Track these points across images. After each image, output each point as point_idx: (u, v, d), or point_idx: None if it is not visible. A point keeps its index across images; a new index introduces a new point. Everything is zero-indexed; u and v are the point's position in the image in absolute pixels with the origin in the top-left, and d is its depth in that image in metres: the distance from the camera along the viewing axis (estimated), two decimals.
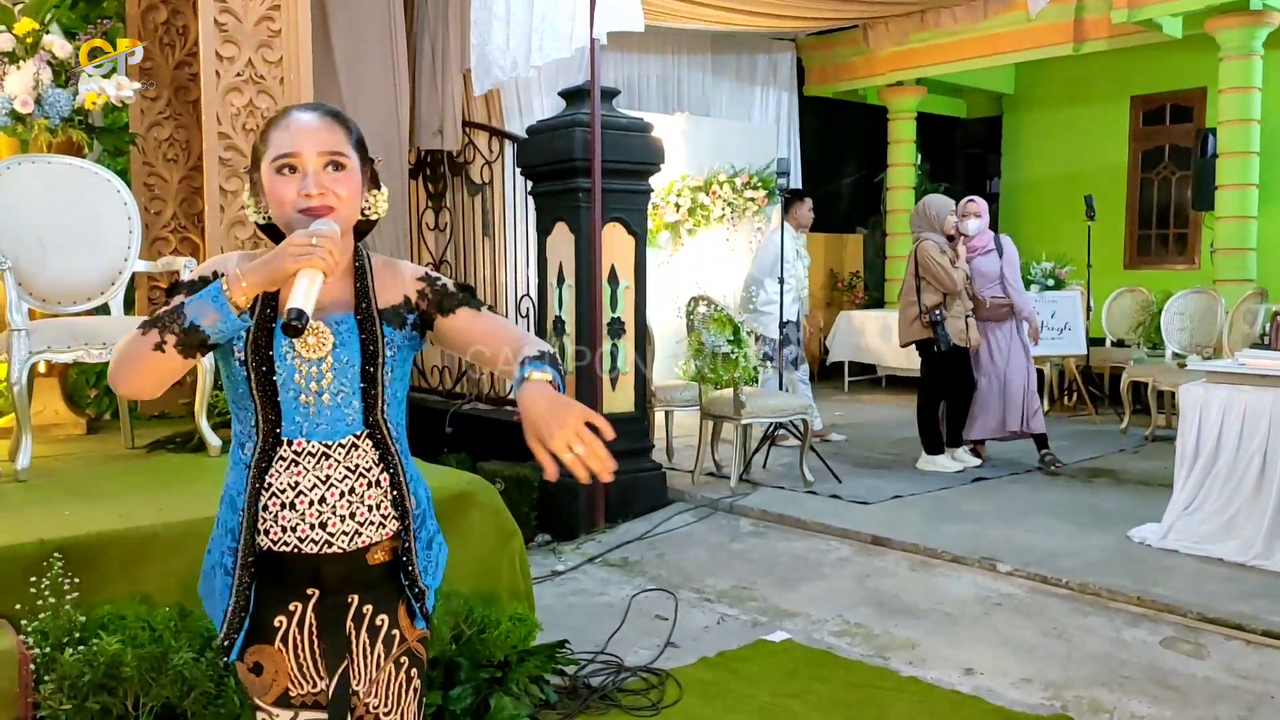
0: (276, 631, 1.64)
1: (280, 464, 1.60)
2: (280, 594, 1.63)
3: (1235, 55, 7.89)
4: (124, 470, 3.79)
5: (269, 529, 1.61)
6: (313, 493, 1.60)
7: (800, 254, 7.21)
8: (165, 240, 5.09)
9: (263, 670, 1.65)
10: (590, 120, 5.25)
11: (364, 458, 1.63)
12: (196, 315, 1.47)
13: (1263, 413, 4.42)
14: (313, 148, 1.58)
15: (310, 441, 1.60)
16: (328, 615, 1.65)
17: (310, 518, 1.60)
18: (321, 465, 1.60)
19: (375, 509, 1.64)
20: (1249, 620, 3.78)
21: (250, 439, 1.62)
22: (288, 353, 1.59)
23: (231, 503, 1.64)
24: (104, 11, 4.92)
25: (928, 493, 5.80)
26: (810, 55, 10.52)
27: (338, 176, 1.59)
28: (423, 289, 1.70)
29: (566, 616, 4.04)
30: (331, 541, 1.61)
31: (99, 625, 2.56)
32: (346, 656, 1.67)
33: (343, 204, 1.59)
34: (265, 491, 1.60)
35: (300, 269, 1.47)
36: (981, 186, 12.19)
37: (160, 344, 1.48)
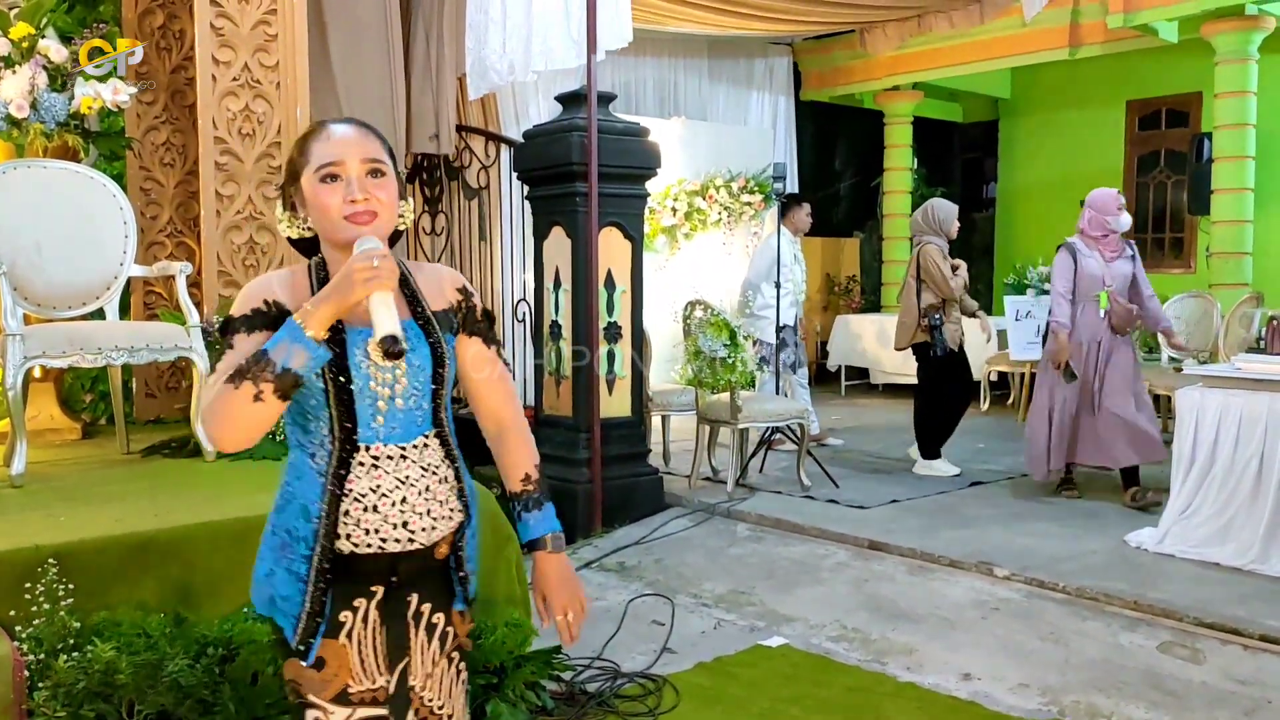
0: (342, 627, 1.68)
1: (359, 469, 1.65)
2: (348, 591, 1.68)
3: (1231, 60, 7.90)
4: (119, 475, 3.78)
5: (350, 533, 1.65)
6: (394, 494, 1.66)
7: (797, 258, 7.22)
8: (161, 244, 5.08)
9: (325, 665, 1.68)
10: (587, 125, 5.25)
11: (433, 455, 1.71)
12: (285, 359, 1.52)
13: (1259, 417, 4.42)
14: (355, 155, 1.63)
15: (387, 445, 1.66)
16: (391, 611, 1.71)
17: (393, 519, 1.65)
18: (400, 467, 1.67)
19: (445, 504, 1.71)
20: (1246, 625, 3.78)
21: (324, 448, 1.65)
22: (362, 362, 1.64)
23: (304, 511, 1.66)
24: (100, 15, 4.91)
25: (925, 497, 5.80)
26: (806, 60, 10.53)
27: (379, 183, 1.64)
28: (460, 300, 1.78)
29: None
30: (414, 538, 1.67)
31: (94, 632, 2.56)
32: (406, 653, 1.73)
33: (384, 209, 1.64)
34: (346, 497, 1.64)
35: (371, 293, 1.52)
36: (978, 191, 12.21)
37: (258, 395, 1.52)
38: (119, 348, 3.78)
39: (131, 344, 3.82)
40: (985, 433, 7.96)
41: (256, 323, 1.60)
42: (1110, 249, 5.56)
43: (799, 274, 7.23)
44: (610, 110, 5.58)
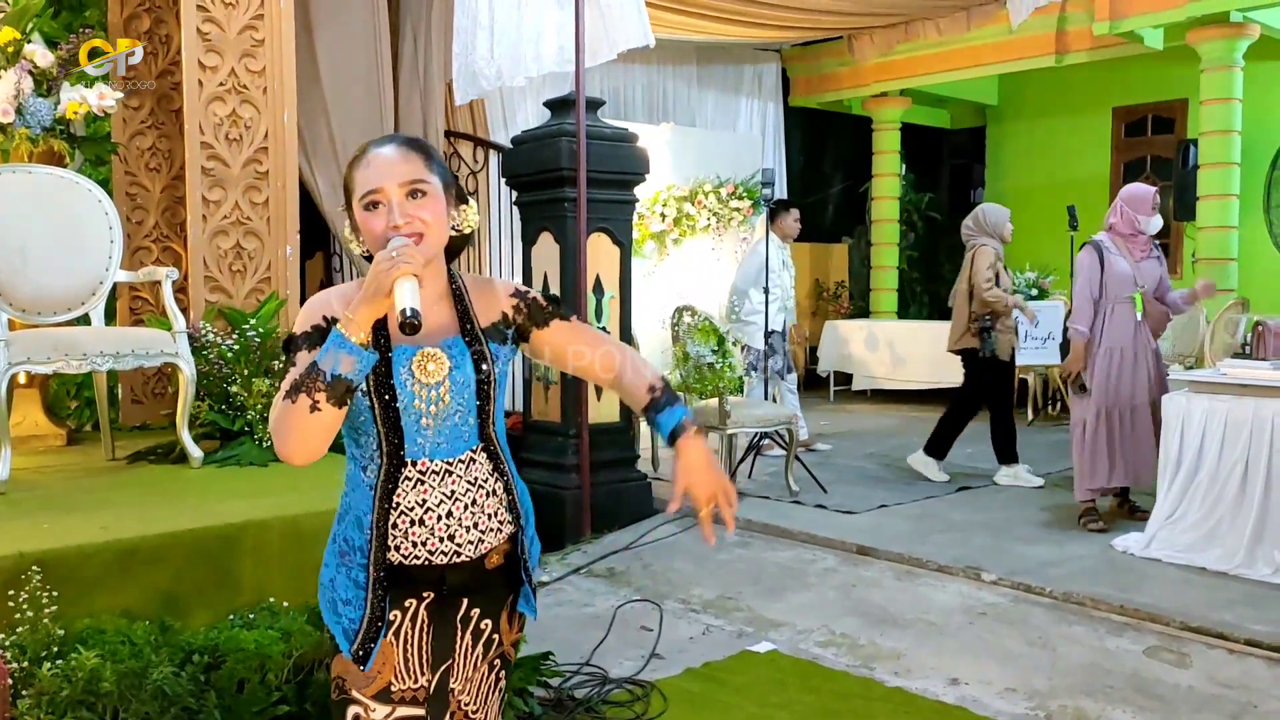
0: (390, 625, 1.72)
1: (406, 484, 1.69)
2: (400, 594, 1.73)
3: (1216, 67, 7.95)
4: (104, 482, 3.76)
5: (399, 545, 1.70)
6: (439, 508, 1.70)
7: (786, 264, 7.23)
8: (147, 250, 5.06)
9: (371, 663, 1.71)
10: (576, 130, 5.26)
11: (480, 469, 1.74)
12: (334, 367, 1.56)
13: (1244, 422, 4.44)
14: (393, 180, 1.65)
15: (433, 461, 1.70)
16: (439, 612, 1.75)
17: (439, 532, 1.70)
18: (445, 482, 1.70)
19: (493, 516, 1.75)
20: (1231, 629, 3.79)
21: (374, 462, 1.70)
22: (407, 380, 1.68)
23: (358, 522, 1.71)
24: (86, 20, 4.90)
25: (913, 502, 5.81)
26: (795, 66, 10.56)
27: (421, 203, 1.67)
28: (517, 304, 1.81)
29: (552, 628, 4.02)
30: (460, 552, 1.71)
31: (78, 639, 2.54)
32: (450, 655, 1.76)
33: (430, 229, 1.67)
34: (394, 511, 1.69)
35: (394, 281, 1.55)
36: (966, 196, 12.26)
37: (315, 405, 1.56)
38: (104, 354, 3.76)
39: (117, 350, 3.80)
40: (973, 438, 7.97)
41: (316, 339, 1.64)
42: (1140, 248, 5.18)
43: (787, 280, 7.25)
44: (599, 116, 5.58)
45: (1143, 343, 5.12)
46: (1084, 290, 5.12)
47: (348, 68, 6.12)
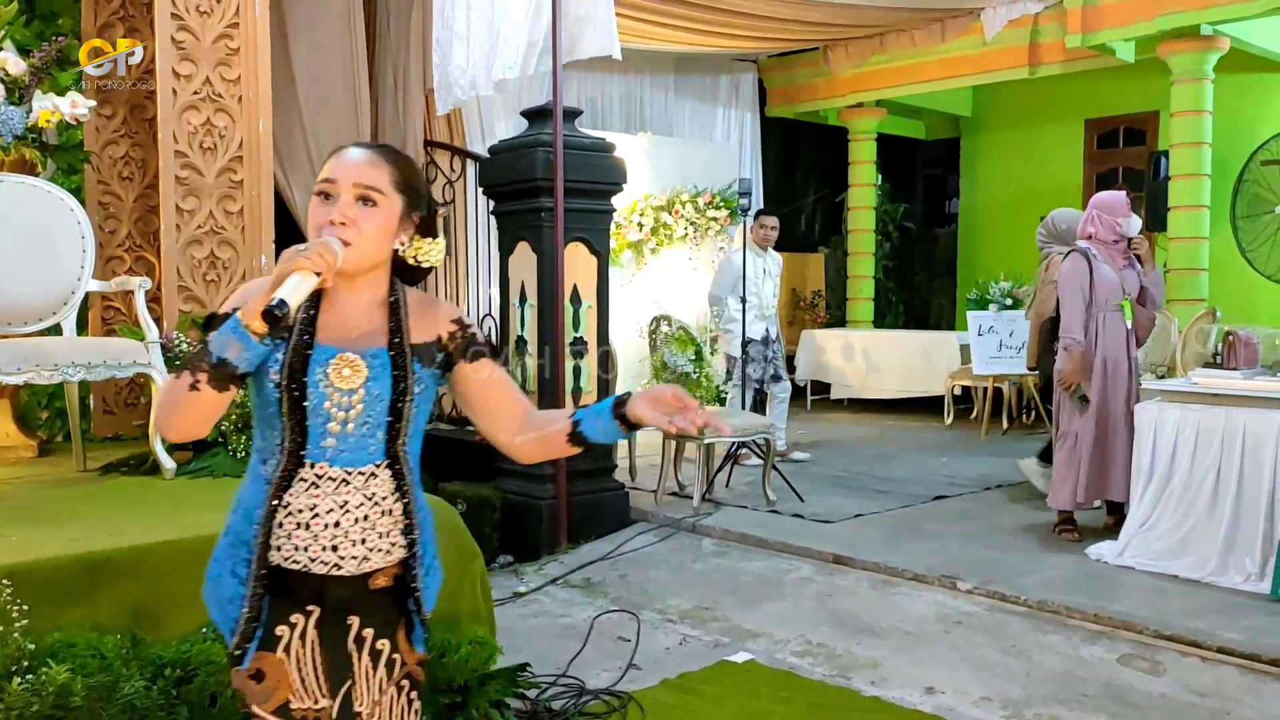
0: (279, 640, 1.69)
1: (300, 485, 1.66)
2: (284, 606, 1.69)
3: (1186, 79, 8.04)
4: (76, 494, 3.72)
5: (281, 545, 1.66)
6: (329, 516, 1.66)
7: (767, 272, 7.18)
8: (120, 259, 5.02)
9: (264, 678, 1.69)
10: (553, 140, 5.25)
11: (381, 486, 1.69)
12: (221, 350, 1.53)
13: (1216, 431, 4.48)
14: (349, 178, 1.65)
15: (332, 467, 1.66)
16: (328, 633, 1.71)
17: (324, 540, 1.65)
18: (340, 491, 1.66)
19: (385, 536, 1.70)
20: (1204, 637, 3.82)
21: (274, 457, 1.67)
22: (321, 380, 1.65)
23: (248, 515, 1.68)
24: (59, 29, 4.87)
25: (889, 511, 5.83)
26: (771, 76, 10.61)
27: (367, 212, 1.65)
28: (454, 331, 1.77)
29: (528, 639, 4.01)
30: (340, 565, 1.67)
31: (48, 653, 2.51)
32: (350, 678, 1.72)
33: (363, 240, 1.64)
34: (283, 509, 1.65)
35: (290, 272, 1.53)
36: (940, 207, 12.36)
37: (194, 384, 1.53)
38: (76, 364, 3.72)
39: (89, 360, 3.77)
40: (948, 447, 8.03)
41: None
42: (1122, 256, 5.12)
43: (768, 289, 7.19)
44: (576, 126, 5.58)
45: (1133, 352, 5.11)
46: (1076, 299, 5.01)
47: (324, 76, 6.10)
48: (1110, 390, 5.03)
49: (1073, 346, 4.99)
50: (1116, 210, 5.13)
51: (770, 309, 7.23)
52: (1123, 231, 5.11)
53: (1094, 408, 5.00)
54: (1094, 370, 5.02)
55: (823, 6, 7.75)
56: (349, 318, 1.68)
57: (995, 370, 8.32)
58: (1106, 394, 5.02)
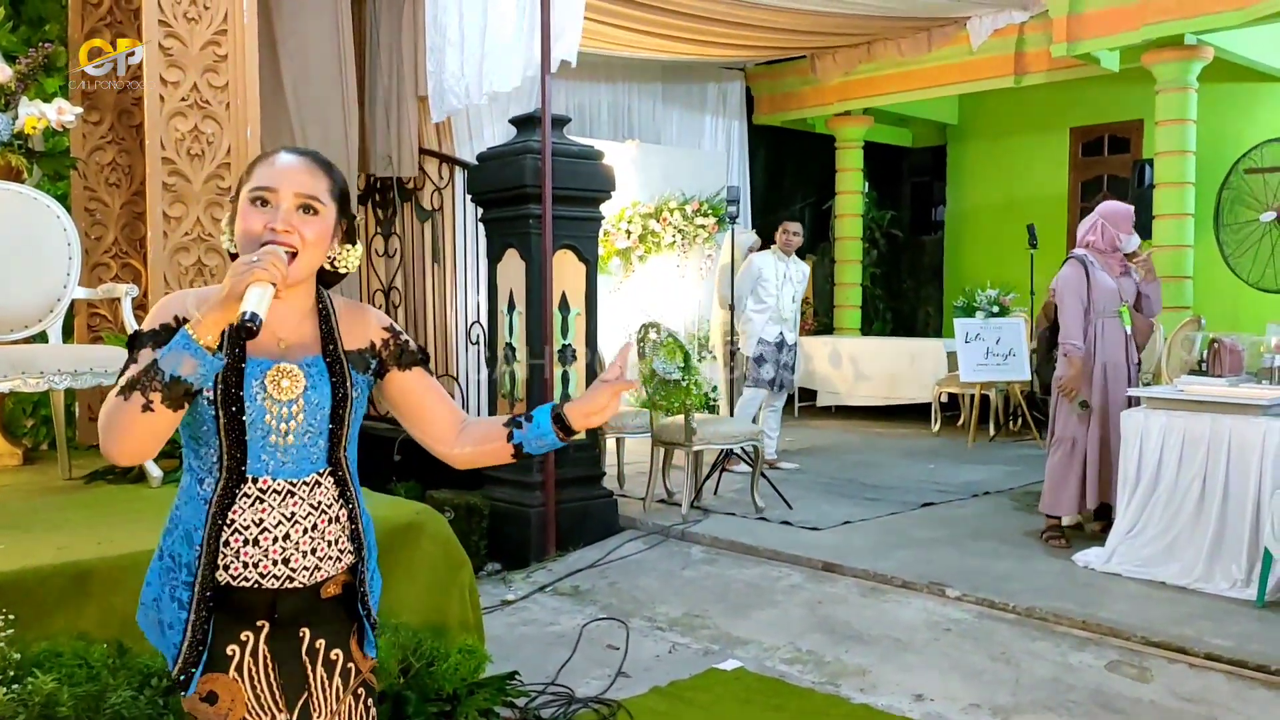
0: (230, 660, 1.64)
1: (244, 501, 1.62)
2: (232, 624, 1.64)
3: (1171, 88, 8.10)
4: (61, 502, 3.70)
5: (229, 564, 1.62)
6: (277, 529, 1.63)
7: (788, 277, 7.12)
8: (106, 266, 5.00)
9: (217, 699, 1.64)
10: (541, 147, 5.26)
11: (325, 494, 1.68)
12: (174, 367, 1.47)
13: (1201, 438, 4.51)
14: (290, 187, 1.62)
15: (276, 479, 1.63)
16: (280, 647, 1.67)
17: (274, 554, 1.62)
18: (286, 503, 1.64)
19: (334, 544, 1.68)
20: (1192, 643, 3.84)
21: (211, 475, 1.63)
22: (259, 394, 1.61)
23: (187, 537, 1.63)
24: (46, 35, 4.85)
25: (877, 518, 5.83)
26: (759, 84, 10.64)
27: (308, 219, 1.63)
28: (387, 339, 1.77)
29: (517, 647, 4.00)
30: (293, 577, 1.64)
31: (34, 663, 2.49)
32: (305, 691, 1.69)
33: (307, 248, 1.62)
34: (228, 528, 1.61)
35: (247, 285, 1.48)
36: (927, 214, 12.40)
37: (147, 404, 1.47)
38: (62, 371, 3.70)
39: (75, 368, 3.75)
40: (935, 454, 8.05)
41: (164, 338, 1.55)
42: (1119, 265, 5.18)
43: (786, 293, 7.11)
44: (564, 133, 5.59)
45: (1132, 357, 5.15)
46: (1075, 305, 5.03)
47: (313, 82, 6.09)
48: (1111, 395, 5.05)
49: (1073, 353, 5.01)
50: (1121, 224, 5.16)
51: (788, 314, 7.14)
52: (1120, 247, 5.16)
53: (1094, 413, 5.03)
54: (1094, 376, 5.05)
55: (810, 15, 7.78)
56: (278, 328, 1.64)
57: (982, 377, 8.35)
58: (1107, 399, 5.05)
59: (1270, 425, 4.32)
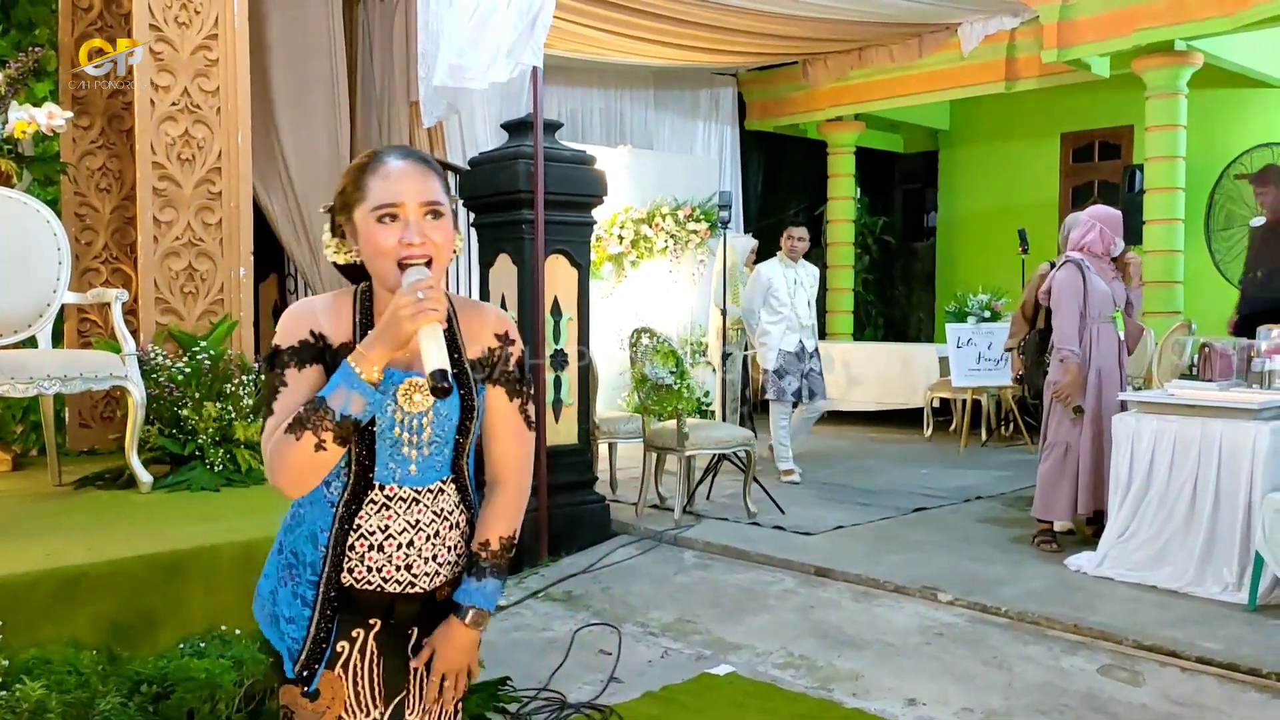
0: (339, 657, 1.66)
1: (370, 507, 1.64)
2: (346, 623, 1.66)
3: (1161, 94, 8.14)
4: (51, 508, 3.68)
5: (353, 568, 1.64)
6: (401, 536, 1.65)
7: (799, 283, 7.00)
8: (96, 271, 4.98)
9: (319, 696, 1.65)
10: (533, 152, 5.26)
11: (447, 501, 1.69)
12: (344, 407, 1.51)
13: (1192, 442, 4.52)
14: (415, 197, 1.59)
15: (402, 487, 1.65)
16: (387, 643, 1.69)
17: (398, 560, 1.64)
18: (411, 510, 1.65)
19: (453, 549, 1.70)
20: (1183, 647, 3.85)
21: (339, 479, 1.64)
22: (390, 405, 1.62)
23: (312, 538, 1.65)
24: (36, 39, 4.83)
25: (870, 523, 5.84)
26: (751, 90, 10.66)
27: (437, 224, 1.60)
28: (495, 348, 1.73)
29: (509, 652, 3.99)
30: (415, 582, 1.66)
31: (23, 669, 2.48)
32: (404, 688, 1.70)
33: (440, 251, 1.61)
34: (354, 533, 1.63)
35: (419, 328, 1.49)
36: (919, 220, 12.43)
37: (320, 444, 1.51)
38: (52, 377, 3.69)
39: (65, 373, 3.73)
40: (927, 458, 8.06)
41: (305, 356, 1.59)
42: (1111, 269, 5.20)
43: (800, 299, 6.97)
44: (557, 138, 5.59)
45: (1124, 361, 5.15)
46: (1072, 310, 5.00)
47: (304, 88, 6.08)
48: (1105, 400, 5.05)
49: (1070, 358, 4.98)
50: (1116, 229, 5.18)
51: (806, 320, 7.00)
52: (1113, 251, 5.18)
53: (1088, 418, 5.03)
54: (1088, 381, 5.05)
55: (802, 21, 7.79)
56: None
57: (974, 382, 8.37)
58: (1101, 404, 5.04)
59: (1260, 429, 4.33)
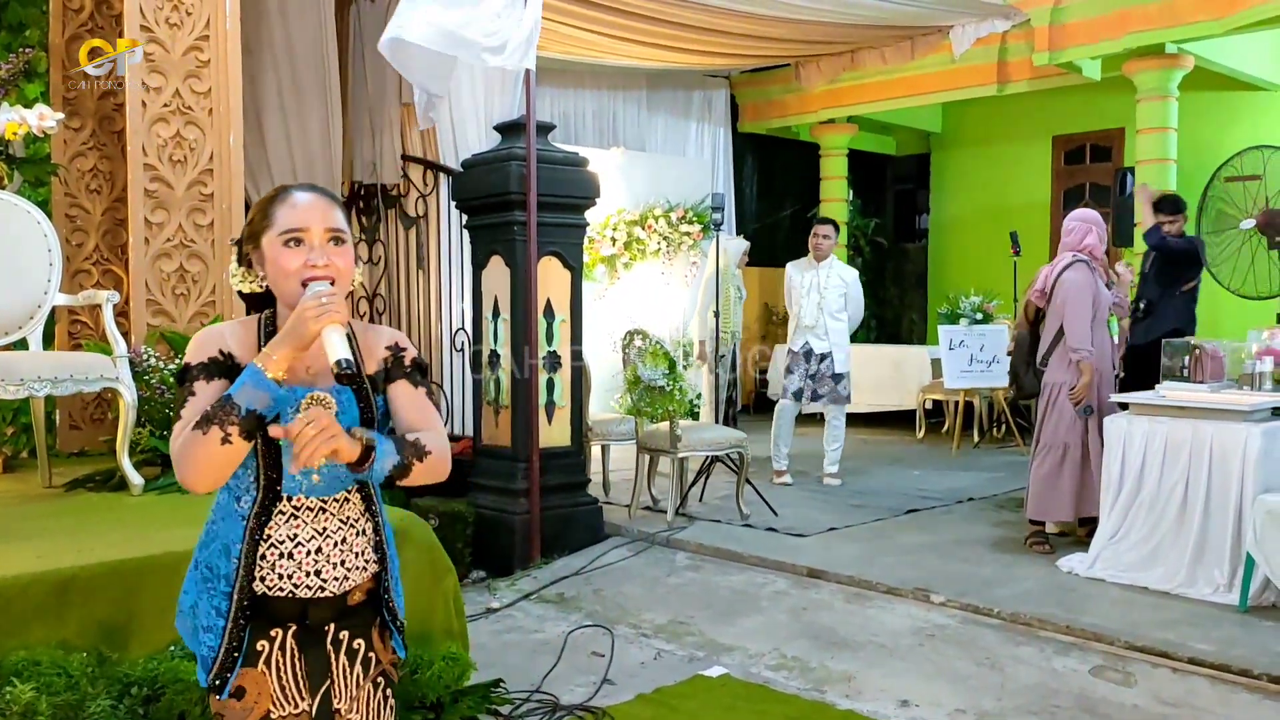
0: (259, 655, 1.75)
1: (279, 518, 1.74)
2: (264, 625, 1.76)
3: (1152, 97, 8.17)
4: (41, 510, 3.67)
5: (265, 576, 1.73)
6: (310, 544, 1.74)
7: (815, 285, 6.89)
8: (87, 273, 4.97)
9: (244, 694, 1.75)
10: (526, 154, 5.25)
11: (353, 509, 1.80)
12: (250, 402, 1.61)
13: (1183, 443, 4.53)
14: (320, 223, 1.73)
15: (309, 497, 1.75)
16: (307, 639, 1.78)
17: (307, 566, 1.74)
18: (319, 519, 1.76)
19: (360, 555, 1.80)
20: (1175, 648, 3.85)
21: (248, 493, 1.74)
22: (293, 419, 1.68)
23: (225, 551, 1.74)
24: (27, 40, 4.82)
25: (863, 524, 5.84)
26: (743, 92, 10.67)
27: (339, 250, 1.74)
28: (387, 356, 1.85)
29: (502, 655, 3.99)
30: (324, 587, 1.75)
31: (13, 672, 2.47)
32: (328, 678, 1.80)
33: (342, 275, 1.74)
34: (264, 543, 1.73)
35: (323, 327, 1.62)
36: (911, 222, 12.45)
37: (226, 437, 1.60)
38: (42, 378, 3.67)
39: (55, 375, 3.72)
40: (920, 460, 8.07)
41: (214, 371, 1.69)
42: (1104, 272, 5.22)
43: (812, 301, 6.88)
44: (549, 140, 5.58)
45: (1115, 364, 5.17)
46: (1084, 310, 4.99)
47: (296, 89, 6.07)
48: (1104, 403, 5.06)
49: (1085, 359, 4.96)
50: (1104, 232, 5.22)
51: (810, 321, 6.87)
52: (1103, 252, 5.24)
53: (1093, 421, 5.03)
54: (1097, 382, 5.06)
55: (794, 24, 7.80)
56: (306, 356, 1.72)
57: (966, 384, 8.38)
58: (1102, 406, 5.06)
59: (1251, 431, 4.34)
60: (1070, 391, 5.03)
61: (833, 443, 7.01)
